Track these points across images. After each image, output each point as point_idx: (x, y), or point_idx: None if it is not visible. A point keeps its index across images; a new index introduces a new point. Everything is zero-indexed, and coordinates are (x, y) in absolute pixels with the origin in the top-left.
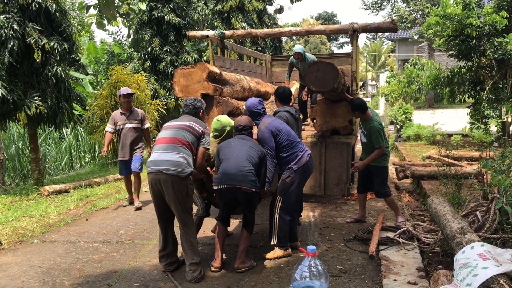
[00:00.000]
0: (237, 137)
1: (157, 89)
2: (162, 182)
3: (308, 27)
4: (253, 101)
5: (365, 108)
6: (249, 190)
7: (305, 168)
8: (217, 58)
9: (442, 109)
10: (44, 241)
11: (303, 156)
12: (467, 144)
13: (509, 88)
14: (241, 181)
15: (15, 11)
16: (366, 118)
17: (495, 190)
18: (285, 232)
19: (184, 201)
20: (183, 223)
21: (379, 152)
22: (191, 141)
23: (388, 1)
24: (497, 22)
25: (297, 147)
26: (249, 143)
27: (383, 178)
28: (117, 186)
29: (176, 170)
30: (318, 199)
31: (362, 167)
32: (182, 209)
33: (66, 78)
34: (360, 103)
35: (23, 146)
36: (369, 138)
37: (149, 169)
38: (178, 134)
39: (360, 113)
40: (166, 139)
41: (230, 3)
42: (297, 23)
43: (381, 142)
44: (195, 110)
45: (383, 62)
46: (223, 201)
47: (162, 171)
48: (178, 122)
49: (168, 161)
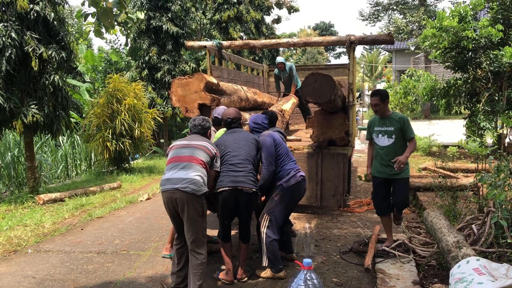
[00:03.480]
0: (230, 133)
1: (154, 97)
2: (178, 200)
3: (305, 39)
4: (259, 116)
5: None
6: (250, 190)
7: (295, 188)
8: (215, 68)
9: (439, 120)
10: (39, 251)
11: (295, 175)
12: (463, 156)
13: (504, 101)
14: (242, 182)
15: (13, 19)
16: (389, 111)
17: (490, 204)
18: (274, 252)
19: (200, 221)
20: (196, 245)
21: (414, 143)
22: (206, 161)
23: (385, 12)
24: (492, 35)
25: (290, 165)
26: (243, 136)
27: (407, 190)
28: (112, 195)
29: (192, 188)
30: (314, 210)
31: (406, 160)
32: (197, 230)
33: (64, 87)
34: (386, 91)
35: (18, 154)
36: (398, 135)
37: (164, 187)
38: (195, 153)
39: (387, 103)
40: (183, 158)
41: (228, 13)
42: (295, 33)
43: (413, 132)
44: (204, 130)
45: (380, 73)
46: (224, 205)
47: (179, 188)
48: (192, 141)
49: (185, 179)
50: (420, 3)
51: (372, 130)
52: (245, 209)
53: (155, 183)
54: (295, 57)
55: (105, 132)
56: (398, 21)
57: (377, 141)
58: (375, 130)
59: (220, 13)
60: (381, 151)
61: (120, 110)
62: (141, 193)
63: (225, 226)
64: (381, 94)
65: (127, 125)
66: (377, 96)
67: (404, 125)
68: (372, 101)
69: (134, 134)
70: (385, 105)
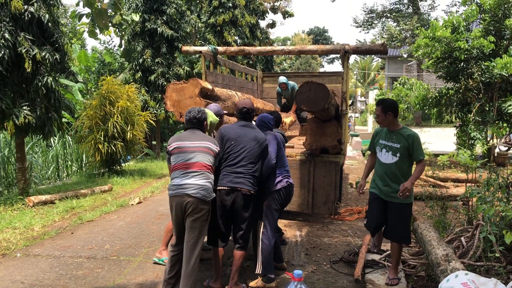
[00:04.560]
0: (243, 126)
1: (148, 100)
2: (188, 205)
3: (300, 47)
4: (268, 115)
5: (398, 110)
6: (248, 192)
7: (280, 192)
8: (210, 73)
9: (430, 127)
10: (28, 255)
11: (281, 180)
12: (453, 165)
13: (495, 111)
14: (241, 183)
15: (7, 20)
16: (398, 126)
17: (479, 217)
18: (269, 258)
19: (204, 225)
20: (193, 248)
21: (423, 166)
22: (212, 163)
23: (379, 20)
24: (484, 46)
25: (281, 170)
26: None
27: (408, 219)
28: (103, 198)
29: (202, 193)
30: (305, 217)
31: (411, 186)
32: (199, 235)
33: (56, 88)
34: (394, 102)
35: (9, 154)
36: (403, 154)
37: (173, 192)
38: (202, 158)
39: (393, 116)
40: (192, 165)
41: (223, 17)
42: (289, 37)
43: (422, 153)
44: (200, 122)
45: (373, 79)
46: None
47: (189, 193)
48: (195, 142)
49: (196, 185)
50: (413, 12)
51: (377, 142)
52: (242, 211)
53: (146, 186)
54: (289, 61)
55: (97, 134)
56: (391, 29)
57: (380, 156)
58: (379, 143)
59: (215, 16)
60: (382, 168)
61: (113, 113)
62: (132, 196)
63: (219, 229)
64: (384, 105)
65: (120, 128)
66: (379, 106)
67: (413, 144)
68: (375, 111)
69: (127, 136)
70: (387, 117)
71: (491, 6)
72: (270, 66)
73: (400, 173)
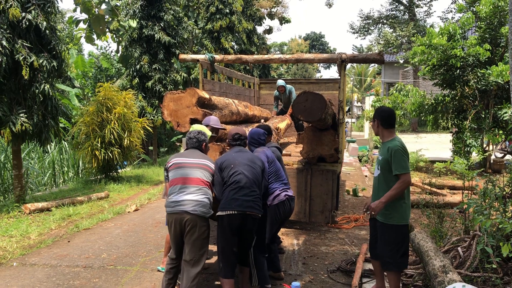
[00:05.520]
0: (238, 151)
1: (145, 106)
2: (187, 222)
3: (297, 55)
4: (259, 131)
5: (389, 120)
6: (257, 216)
7: (279, 207)
8: (207, 81)
9: (426, 133)
10: (24, 264)
11: (279, 195)
12: (449, 172)
13: (491, 118)
14: (251, 207)
15: (5, 27)
16: (387, 136)
17: (476, 228)
18: (263, 270)
19: (205, 242)
20: (197, 267)
21: (402, 183)
22: (210, 180)
23: (375, 26)
24: (480, 54)
25: (278, 184)
26: (250, 158)
27: (392, 242)
28: (100, 205)
29: (201, 210)
30: (302, 226)
31: (379, 209)
32: (201, 253)
33: (54, 95)
34: (384, 110)
35: (5, 160)
36: (384, 167)
37: (172, 209)
38: (200, 175)
39: (380, 124)
40: (190, 180)
41: (220, 23)
42: (286, 42)
43: (405, 167)
44: (199, 143)
45: (369, 84)
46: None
47: (188, 211)
48: (193, 159)
49: (194, 201)
50: (410, 18)
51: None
52: (249, 233)
53: (143, 193)
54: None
55: (94, 140)
56: (388, 35)
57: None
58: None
59: (212, 22)
60: (373, 182)
61: (110, 119)
62: (129, 203)
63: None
64: (376, 113)
65: (117, 134)
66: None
67: (392, 157)
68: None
69: (123, 143)
70: (374, 125)
71: (486, 14)
72: (267, 71)
73: (382, 188)
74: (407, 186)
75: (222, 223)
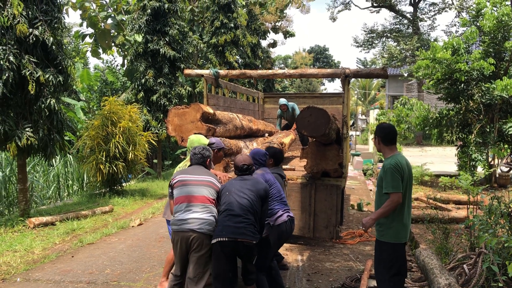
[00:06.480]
0: (239, 179)
1: (149, 120)
2: (193, 240)
3: (301, 70)
4: (260, 151)
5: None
6: (250, 243)
7: (281, 227)
8: (211, 96)
9: (431, 146)
10: (28, 279)
11: (282, 215)
12: (454, 186)
13: (496, 133)
14: (243, 234)
15: (12, 43)
16: (388, 153)
17: (482, 246)
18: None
19: (209, 261)
20: (201, 283)
21: (391, 202)
22: (216, 198)
23: (379, 39)
24: (484, 68)
25: (278, 205)
26: (251, 184)
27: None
28: (104, 219)
29: (207, 228)
30: (306, 241)
31: (369, 225)
32: (205, 270)
33: (59, 110)
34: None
35: (10, 174)
36: (379, 184)
37: (178, 227)
38: (206, 192)
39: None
40: (195, 198)
41: (225, 37)
42: (290, 55)
43: (394, 187)
44: (203, 159)
45: (373, 97)
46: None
47: (194, 229)
48: (198, 177)
49: (200, 219)
50: (413, 32)
51: None
52: (246, 257)
53: (147, 207)
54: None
55: (99, 154)
56: (392, 49)
57: None
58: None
59: (217, 37)
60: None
61: (115, 133)
62: (133, 218)
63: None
64: (376, 130)
65: (121, 148)
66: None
67: (384, 174)
68: None
69: (128, 156)
70: (378, 143)
71: (490, 29)
72: (272, 85)
73: (377, 205)
74: (396, 206)
75: (215, 250)
